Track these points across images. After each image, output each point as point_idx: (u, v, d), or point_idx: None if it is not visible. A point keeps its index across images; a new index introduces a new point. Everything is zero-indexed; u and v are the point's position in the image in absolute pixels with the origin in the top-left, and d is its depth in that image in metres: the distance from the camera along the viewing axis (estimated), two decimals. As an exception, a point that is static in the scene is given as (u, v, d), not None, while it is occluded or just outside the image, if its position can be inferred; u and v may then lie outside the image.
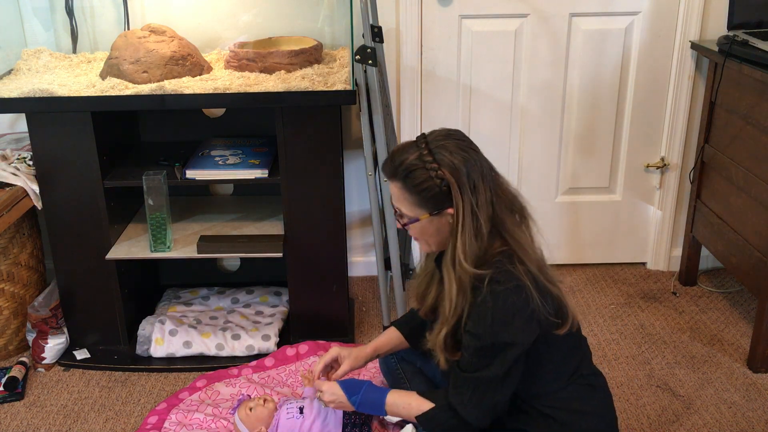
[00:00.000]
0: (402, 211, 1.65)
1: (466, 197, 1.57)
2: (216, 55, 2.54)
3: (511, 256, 1.59)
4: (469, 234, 1.57)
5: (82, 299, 2.44)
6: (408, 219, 1.64)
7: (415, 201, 1.61)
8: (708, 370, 2.35)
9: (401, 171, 1.60)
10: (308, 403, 2.00)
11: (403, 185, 1.61)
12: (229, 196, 2.76)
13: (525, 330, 1.57)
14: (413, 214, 1.63)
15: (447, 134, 1.63)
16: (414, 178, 1.59)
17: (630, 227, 2.96)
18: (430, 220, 1.62)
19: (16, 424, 2.17)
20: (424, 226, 1.64)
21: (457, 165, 1.57)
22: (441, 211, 1.60)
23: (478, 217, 1.57)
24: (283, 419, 1.97)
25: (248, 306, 2.66)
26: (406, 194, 1.61)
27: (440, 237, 1.65)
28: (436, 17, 2.64)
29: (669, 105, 2.75)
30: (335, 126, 2.28)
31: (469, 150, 1.61)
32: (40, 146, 2.27)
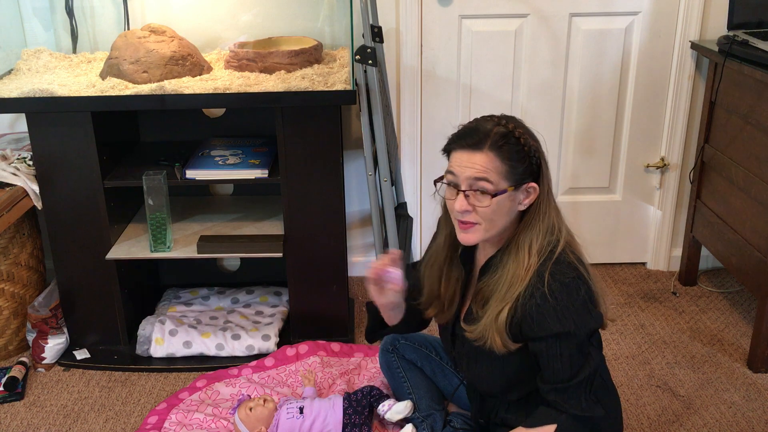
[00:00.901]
0: (489, 181, 1.54)
1: (547, 176, 1.59)
2: (216, 55, 2.54)
3: (564, 247, 1.59)
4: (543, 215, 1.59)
5: (82, 299, 2.44)
6: (494, 191, 1.54)
7: (505, 171, 1.54)
8: (708, 370, 2.35)
9: (496, 139, 1.53)
10: (308, 403, 2.00)
11: (496, 154, 1.53)
12: (229, 196, 2.76)
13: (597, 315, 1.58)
14: (499, 186, 1.54)
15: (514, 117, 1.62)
16: (510, 146, 1.54)
17: (630, 227, 2.96)
18: (512, 194, 1.56)
19: (16, 424, 2.17)
20: (503, 201, 1.56)
21: (539, 144, 1.59)
22: (521, 185, 1.56)
23: (551, 200, 1.60)
24: (283, 419, 1.97)
25: (248, 306, 2.66)
26: (497, 164, 1.53)
27: (505, 218, 1.59)
28: (436, 17, 2.64)
29: (669, 105, 2.75)
30: (335, 126, 2.28)
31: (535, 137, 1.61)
32: (40, 146, 2.27)
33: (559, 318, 1.53)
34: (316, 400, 2.02)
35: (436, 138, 2.80)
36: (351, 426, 1.95)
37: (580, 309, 1.54)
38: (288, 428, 1.95)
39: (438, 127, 2.77)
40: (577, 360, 1.56)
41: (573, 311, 1.53)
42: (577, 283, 1.55)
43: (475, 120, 1.61)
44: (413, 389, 2.02)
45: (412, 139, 2.77)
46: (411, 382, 2.03)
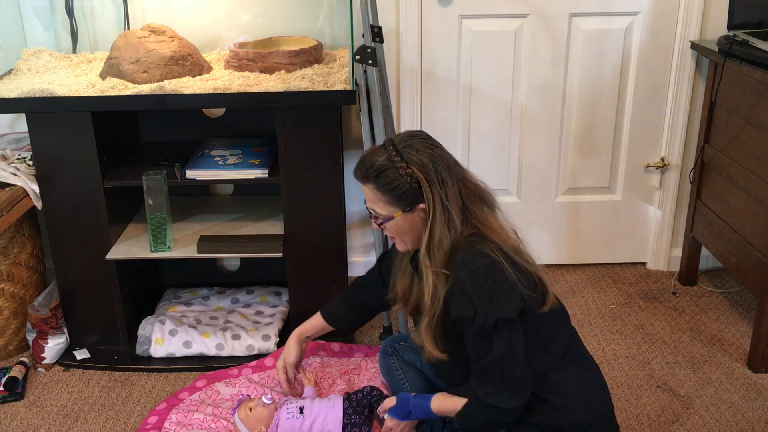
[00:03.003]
0: (377, 212, 1.74)
1: (436, 191, 1.66)
2: (216, 55, 2.54)
3: (481, 237, 1.68)
4: (442, 225, 1.67)
5: (82, 299, 2.44)
6: (383, 218, 1.73)
7: (388, 200, 1.70)
8: (708, 370, 2.35)
9: (372, 173, 1.69)
10: (308, 403, 2.00)
11: (375, 186, 1.70)
12: (229, 196, 2.76)
13: (510, 302, 1.63)
14: (387, 212, 1.72)
15: (411, 135, 1.73)
16: (385, 178, 1.68)
17: (630, 227, 2.96)
18: (404, 216, 1.71)
19: (16, 424, 2.17)
20: (399, 223, 1.72)
21: (425, 162, 1.67)
22: (413, 207, 1.69)
23: (448, 208, 1.67)
24: (283, 419, 1.97)
25: (248, 306, 2.66)
26: (379, 194, 1.70)
27: (414, 233, 1.74)
28: (436, 17, 2.64)
29: (669, 105, 2.75)
30: (335, 126, 2.28)
31: (433, 147, 1.70)
32: (40, 146, 2.27)
33: (461, 303, 1.64)
34: (316, 401, 2.02)
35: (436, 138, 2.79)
36: (351, 426, 1.95)
37: (483, 297, 1.61)
38: (288, 428, 1.95)
39: (438, 127, 2.78)
40: (481, 345, 1.64)
41: (475, 298, 1.62)
42: (485, 271, 1.63)
43: (369, 150, 1.77)
44: (412, 390, 2.02)
45: (412, 139, 2.77)
46: (410, 384, 2.04)
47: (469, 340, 1.66)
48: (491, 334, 1.62)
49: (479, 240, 1.67)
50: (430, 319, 1.70)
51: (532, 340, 1.69)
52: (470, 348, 1.67)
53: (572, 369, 1.73)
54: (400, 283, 1.89)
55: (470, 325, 1.63)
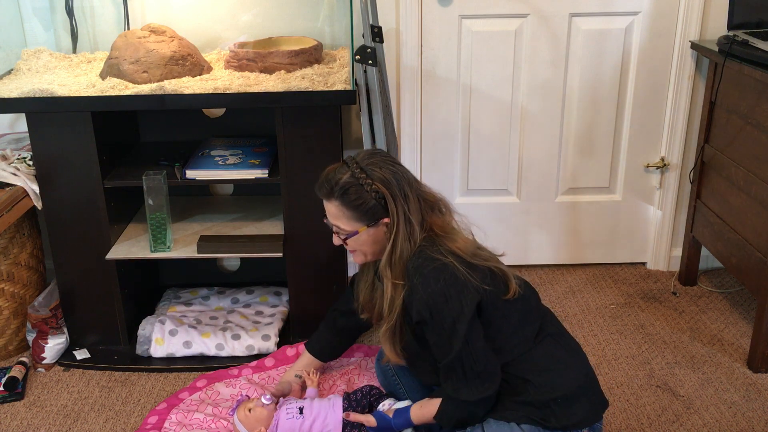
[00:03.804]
0: (339, 227, 1.79)
1: (400, 206, 1.73)
2: (216, 55, 2.54)
3: (432, 241, 1.73)
4: (403, 238, 1.73)
5: (82, 299, 2.44)
6: (346, 234, 1.79)
7: (353, 216, 1.76)
8: (708, 370, 2.35)
9: (337, 190, 1.74)
10: (308, 403, 2.00)
11: (341, 203, 1.75)
12: (229, 196, 2.76)
13: (463, 301, 1.67)
14: (351, 228, 1.77)
15: (372, 153, 1.80)
16: (350, 194, 1.73)
17: (630, 227, 2.96)
18: (367, 231, 1.77)
19: (16, 424, 2.17)
20: (362, 238, 1.78)
21: (388, 178, 1.73)
22: (377, 222, 1.76)
23: (411, 221, 1.73)
24: (282, 419, 1.97)
25: (248, 306, 2.66)
26: (344, 210, 1.75)
27: (376, 246, 1.81)
28: (436, 17, 2.64)
29: (669, 105, 2.75)
30: (335, 126, 2.28)
31: (394, 164, 1.77)
32: (40, 146, 2.27)
33: (417, 308, 1.69)
34: (315, 401, 2.02)
35: (436, 138, 2.80)
36: (350, 426, 1.95)
37: (437, 299, 1.66)
38: (288, 428, 1.95)
39: (438, 127, 2.78)
40: (441, 345, 1.70)
41: (430, 301, 1.67)
42: (436, 273, 1.67)
43: (330, 167, 1.81)
44: (408, 393, 2.04)
45: (412, 139, 2.77)
46: (406, 387, 2.05)
47: (431, 342, 1.72)
48: (450, 334, 1.67)
49: (429, 245, 1.72)
50: (387, 326, 1.77)
51: (502, 328, 1.74)
52: (433, 348, 1.73)
53: (548, 345, 1.77)
54: (363, 293, 1.97)
55: (429, 327, 1.69)
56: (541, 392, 1.72)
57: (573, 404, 1.72)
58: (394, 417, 1.88)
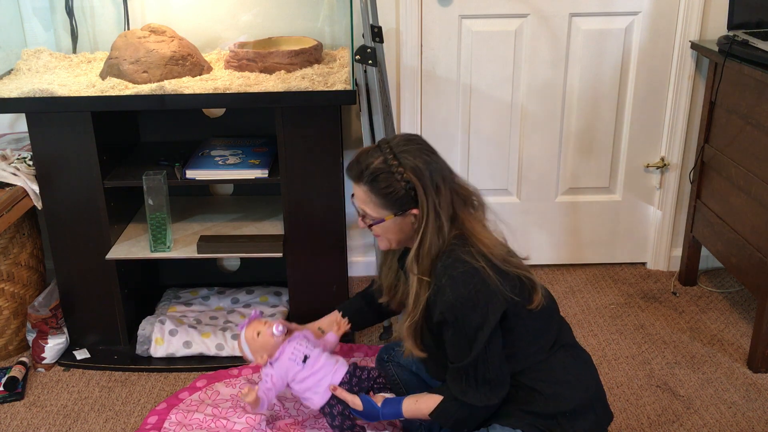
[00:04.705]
0: (366, 212, 1.73)
1: (430, 198, 1.66)
2: (216, 55, 2.54)
3: (464, 241, 1.67)
4: (432, 233, 1.66)
5: (82, 299, 2.44)
6: (372, 220, 1.73)
7: (381, 203, 1.69)
8: (708, 370, 2.35)
9: (367, 175, 1.68)
10: (315, 355, 1.94)
11: (369, 188, 1.69)
12: (229, 196, 2.76)
13: (490, 309, 1.63)
14: (378, 215, 1.72)
15: (408, 139, 1.72)
16: (380, 182, 1.67)
17: (630, 227, 2.96)
18: (394, 220, 1.71)
19: (16, 424, 2.17)
20: (388, 226, 1.73)
21: (421, 168, 1.66)
22: (405, 212, 1.69)
23: (440, 216, 1.66)
24: (285, 357, 1.92)
25: (248, 306, 2.66)
26: (372, 197, 1.70)
27: (401, 235, 1.75)
28: (436, 17, 2.64)
29: (669, 105, 2.75)
30: (335, 126, 2.28)
31: (429, 154, 1.70)
32: (40, 146, 2.27)
33: (442, 309, 1.64)
34: (323, 356, 1.95)
35: (436, 138, 2.79)
36: (336, 400, 1.91)
37: (464, 303, 1.61)
38: (285, 368, 1.91)
39: (438, 127, 2.78)
40: (459, 348, 1.66)
41: (457, 304, 1.62)
42: (466, 277, 1.62)
43: (364, 149, 1.75)
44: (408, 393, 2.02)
45: (412, 139, 2.77)
46: (405, 387, 2.04)
47: (448, 343, 1.69)
48: (471, 340, 1.63)
49: (461, 245, 1.67)
50: (411, 321, 1.72)
51: (521, 336, 1.71)
52: (449, 349, 1.69)
53: (561, 357, 1.75)
54: (386, 279, 1.91)
55: (451, 329, 1.65)
56: (549, 404, 1.70)
57: (579, 418, 1.71)
58: (383, 406, 1.84)
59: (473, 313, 1.62)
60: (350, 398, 1.88)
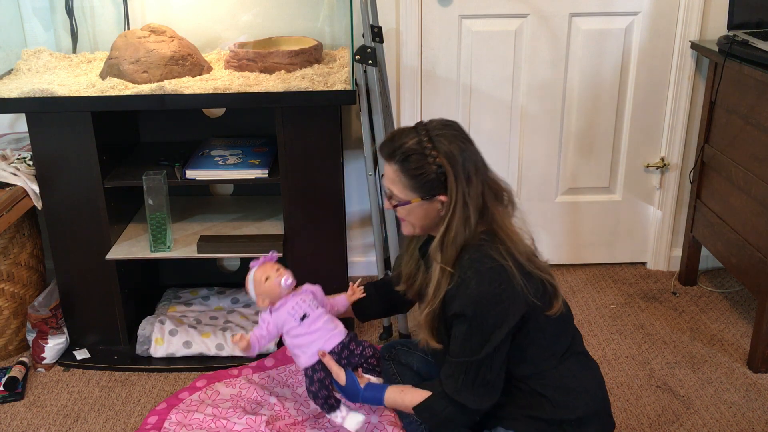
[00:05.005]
0: (393, 192, 1.69)
1: (460, 186, 1.62)
2: (216, 55, 2.54)
3: (493, 238, 1.64)
4: (459, 222, 1.62)
5: (82, 299, 2.44)
6: (398, 201, 1.69)
7: (409, 184, 1.65)
8: (708, 370, 2.35)
9: (399, 154, 1.64)
10: (314, 316, 1.89)
11: (399, 168, 1.64)
12: (229, 196, 2.76)
13: (512, 309, 1.60)
14: (405, 196, 1.67)
15: (445, 124, 1.67)
16: (411, 162, 1.63)
17: (630, 227, 2.96)
18: (421, 204, 1.66)
19: (16, 424, 2.17)
20: (414, 209, 1.68)
21: (455, 154, 1.62)
22: (433, 197, 1.65)
23: (468, 206, 1.62)
24: (284, 310, 1.89)
25: (248, 306, 2.67)
26: (401, 177, 1.65)
27: (426, 221, 1.70)
28: (436, 17, 2.64)
29: (669, 105, 2.75)
30: (335, 126, 2.28)
31: (465, 141, 1.66)
32: (40, 146, 2.27)
33: (463, 302, 1.60)
34: (324, 319, 1.90)
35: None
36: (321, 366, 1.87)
37: (487, 300, 1.59)
38: (282, 321, 1.88)
39: (438, 127, 2.77)
40: (469, 344, 1.62)
41: (479, 300, 1.58)
42: (492, 274, 1.59)
43: (399, 129, 1.70)
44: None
45: (412, 139, 2.77)
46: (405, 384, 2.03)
47: (458, 337, 1.64)
48: (483, 338, 1.60)
49: (490, 240, 1.63)
50: (429, 309, 1.68)
51: (536, 341, 1.68)
52: (456, 344, 1.65)
53: (571, 365, 1.73)
54: (406, 267, 1.86)
55: (466, 324, 1.61)
56: (557, 411, 1.68)
57: (585, 426, 1.70)
58: (366, 389, 1.80)
59: (494, 310, 1.59)
60: (336, 369, 1.83)
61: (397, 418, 2.04)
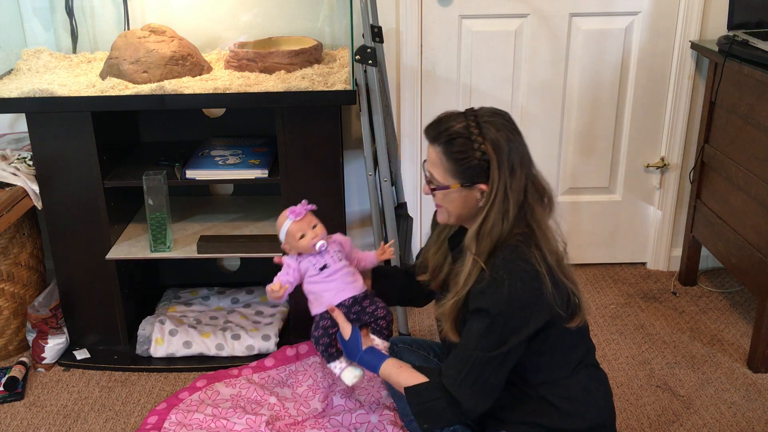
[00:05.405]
0: (433, 176, 1.64)
1: (503, 177, 1.57)
2: (216, 55, 2.54)
3: (529, 240, 1.60)
4: (497, 214, 1.58)
5: (82, 299, 2.44)
6: (437, 185, 1.64)
7: (450, 169, 1.60)
8: (708, 370, 2.35)
9: (444, 136, 1.59)
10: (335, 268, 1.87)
11: (443, 150, 1.60)
12: (229, 196, 2.76)
13: (536, 316, 1.57)
14: (444, 181, 1.62)
15: (495, 112, 1.63)
16: (456, 146, 1.58)
17: (630, 227, 2.96)
18: (460, 190, 1.62)
19: (16, 424, 2.17)
20: (452, 195, 1.63)
21: (501, 143, 1.58)
22: (473, 184, 1.60)
23: (508, 199, 1.58)
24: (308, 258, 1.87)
25: (248, 306, 2.67)
26: (443, 160, 1.60)
27: (462, 209, 1.65)
28: (436, 17, 2.64)
29: (669, 105, 2.75)
30: (335, 126, 2.28)
31: (514, 132, 1.61)
32: (40, 146, 2.27)
33: (491, 300, 1.55)
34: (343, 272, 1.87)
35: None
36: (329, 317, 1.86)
37: (516, 303, 1.55)
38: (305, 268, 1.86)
39: (438, 127, 2.77)
40: (486, 341, 1.57)
41: (509, 301, 1.54)
42: (527, 278, 1.55)
43: (447, 112, 1.65)
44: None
45: (412, 140, 2.77)
46: None
47: (473, 331, 1.59)
48: (500, 339, 1.57)
49: (526, 243, 1.59)
50: (456, 299, 1.63)
51: (552, 349, 1.66)
52: (469, 337, 1.60)
53: (583, 377, 1.71)
54: (433, 258, 1.81)
55: (486, 321, 1.56)
56: (565, 421, 1.67)
57: None
58: (366, 352, 1.78)
59: (519, 315, 1.56)
60: (343, 323, 1.82)
61: (397, 417, 2.05)
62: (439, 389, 1.63)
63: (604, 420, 1.74)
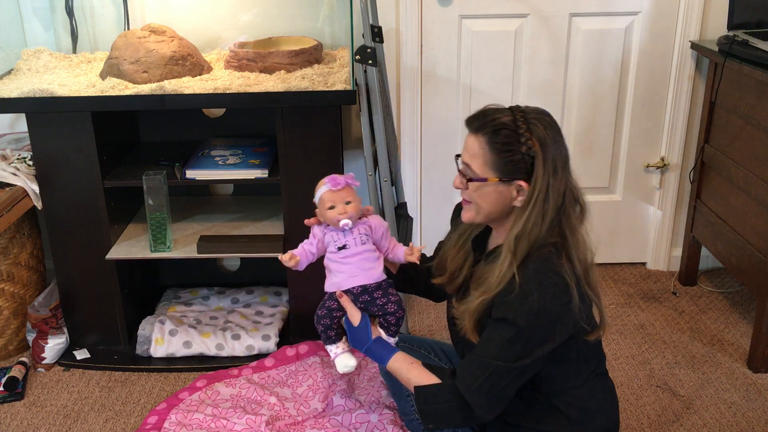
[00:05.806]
0: (470, 167, 1.58)
1: (547, 176, 1.53)
2: (216, 55, 2.54)
3: (560, 251, 1.56)
4: (537, 214, 1.54)
5: (82, 299, 2.44)
6: (473, 176, 1.58)
7: (491, 160, 1.55)
8: (708, 370, 2.35)
9: (490, 126, 1.55)
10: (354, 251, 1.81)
11: (487, 140, 1.55)
12: (229, 196, 2.76)
13: (561, 330, 1.55)
14: (482, 173, 1.57)
15: (542, 112, 1.59)
16: (501, 137, 1.54)
17: (630, 227, 2.96)
18: (497, 185, 1.57)
19: (16, 424, 2.17)
20: (487, 190, 1.58)
21: (548, 142, 1.54)
22: (512, 180, 1.56)
23: (549, 200, 1.54)
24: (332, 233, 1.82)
25: (248, 306, 2.67)
26: (486, 150, 1.55)
27: (494, 206, 1.60)
28: (436, 17, 2.64)
29: (669, 105, 2.75)
30: (335, 126, 2.28)
31: (559, 134, 1.58)
32: (40, 146, 2.27)
33: (516, 309, 1.51)
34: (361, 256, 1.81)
35: (436, 138, 2.80)
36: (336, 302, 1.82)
37: (545, 316, 1.51)
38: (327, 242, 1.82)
39: (438, 127, 2.78)
40: (505, 349, 1.54)
41: (539, 312, 1.51)
42: (557, 291, 1.52)
43: (494, 105, 1.61)
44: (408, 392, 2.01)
45: (412, 139, 2.77)
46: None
47: (495, 339, 1.55)
48: (525, 351, 1.54)
49: (557, 254, 1.55)
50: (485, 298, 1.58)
51: (570, 360, 1.65)
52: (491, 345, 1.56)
53: (594, 386, 1.71)
54: (453, 260, 1.76)
55: (512, 330, 1.53)
56: (572, 428, 1.66)
57: None
58: (375, 342, 1.74)
59: (546, 328, 1.53)
60: (351, 309, 1.77)
61: (397, 416, 2.05)
62: (451, 392, 1.60)
63: (610, 427, 1.74)
